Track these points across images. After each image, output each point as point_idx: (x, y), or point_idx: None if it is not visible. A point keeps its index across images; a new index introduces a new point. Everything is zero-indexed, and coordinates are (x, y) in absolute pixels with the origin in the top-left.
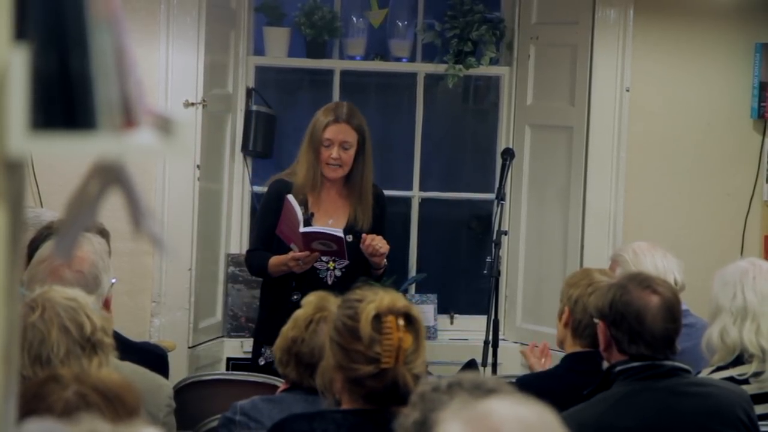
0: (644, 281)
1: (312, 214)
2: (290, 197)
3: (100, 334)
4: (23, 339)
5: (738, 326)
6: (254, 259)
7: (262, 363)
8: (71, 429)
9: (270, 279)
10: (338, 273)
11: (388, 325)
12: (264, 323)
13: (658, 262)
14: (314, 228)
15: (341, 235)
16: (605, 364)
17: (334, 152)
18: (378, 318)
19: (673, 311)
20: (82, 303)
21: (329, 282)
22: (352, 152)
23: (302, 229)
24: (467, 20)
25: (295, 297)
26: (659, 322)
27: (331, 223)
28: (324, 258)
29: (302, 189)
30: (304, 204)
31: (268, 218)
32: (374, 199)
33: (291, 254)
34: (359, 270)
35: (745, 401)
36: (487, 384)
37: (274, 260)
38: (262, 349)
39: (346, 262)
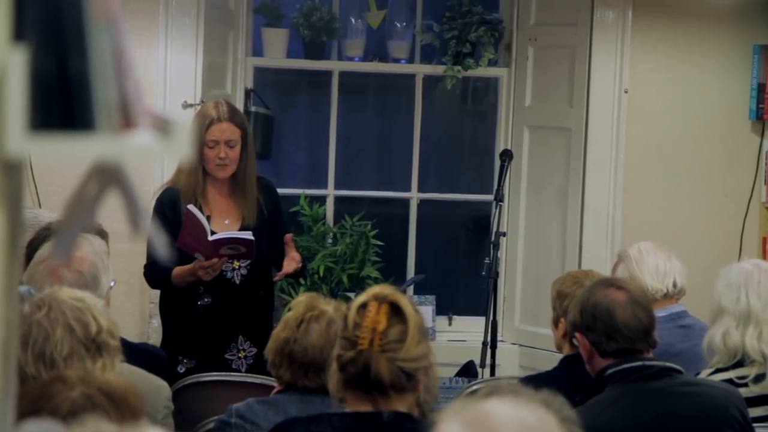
0: (607, 281)
1: (209, 217)
2: (192, 207)
3: (105, 336)
4: (27, 336)
5: (740, 330)
6: (153, 273)
7: (182, 371)
8: (75, 431)
9: (173, 289)
10: (244, 272)
11: (369, 309)
12: (173, 331)
13: (660, 263)
14: (224, 234)
15: (251, 237)
16: None
17: (221, 152)
18: (364, 305)
19: (641, 302)
20: (89, 304)
21: (237, 282)
22: (237, 149)
23: (212, 237)
24: (466, 21)
25: (206, 300)
26: (630, 314)
27: (227, 223)
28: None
29: (189, 193)
30: (198, 208)
31: (164, 230)
32: (266, 191)
33: (198, 263)
34: (265, 266)
35: (738, 400)
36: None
37: (178, 271)
38: (179, 357)
39: (250, 260)
